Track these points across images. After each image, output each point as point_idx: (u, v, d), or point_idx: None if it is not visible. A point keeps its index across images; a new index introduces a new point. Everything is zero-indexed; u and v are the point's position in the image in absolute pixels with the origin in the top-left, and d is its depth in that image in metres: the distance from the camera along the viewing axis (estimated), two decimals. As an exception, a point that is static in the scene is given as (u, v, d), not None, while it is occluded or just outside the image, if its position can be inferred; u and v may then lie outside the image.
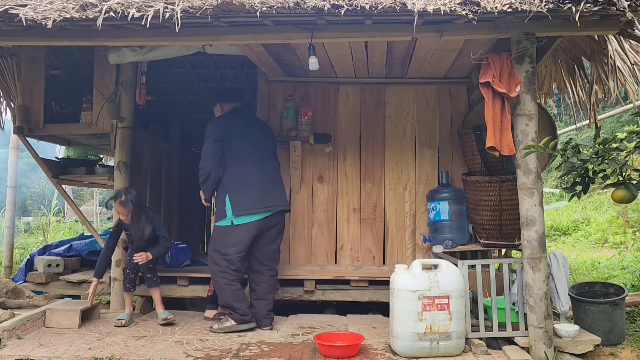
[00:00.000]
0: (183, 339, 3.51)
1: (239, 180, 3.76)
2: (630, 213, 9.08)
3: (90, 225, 4.81)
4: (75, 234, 9.69)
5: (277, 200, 3.82)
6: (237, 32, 3.18)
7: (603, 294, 3.65)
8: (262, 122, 4.20)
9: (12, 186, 6.57)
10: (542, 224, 3.07)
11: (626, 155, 2.36)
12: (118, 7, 2.88)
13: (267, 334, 3.62)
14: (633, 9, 2.77)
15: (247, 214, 3.70)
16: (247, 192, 3.73)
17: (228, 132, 3.83)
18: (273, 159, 3.97)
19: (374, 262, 4.38)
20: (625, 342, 3.41)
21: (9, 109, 5.04)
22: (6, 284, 4.21)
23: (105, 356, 3.08)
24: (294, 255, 4.43)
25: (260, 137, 3.94)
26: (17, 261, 6.72)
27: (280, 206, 3.82)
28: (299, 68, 4.27)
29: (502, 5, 2.81)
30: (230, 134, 3.83)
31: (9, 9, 2.94)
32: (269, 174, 3.86)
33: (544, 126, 3.69)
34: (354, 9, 2.84)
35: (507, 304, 3.31)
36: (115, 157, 4.42)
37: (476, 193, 3.84)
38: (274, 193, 3.82)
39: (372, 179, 4.47)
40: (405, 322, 3.08)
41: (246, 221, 3.70)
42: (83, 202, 16.53)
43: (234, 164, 3.79)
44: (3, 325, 3.34)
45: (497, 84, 3.10)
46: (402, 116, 4.50)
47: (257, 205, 3.71)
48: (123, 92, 4.42)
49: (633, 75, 3.84)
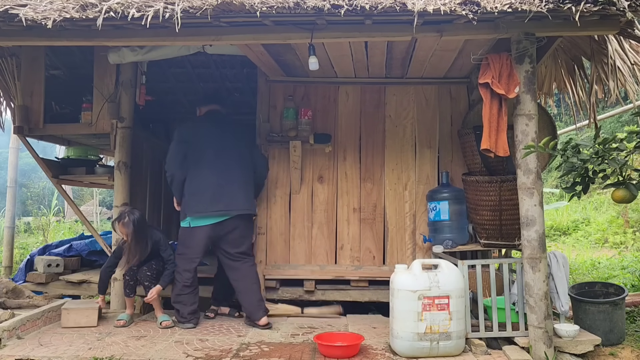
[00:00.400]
0: (183, 339, 3.51)
1: (197, 183, 3.85)
2: (630, 213, 9.08)
3: (90, 225, 4.81)
4: (75, 234, 9.69)
5: (235, 204, 3.83)
6: (237, 32, 3.18)
7: (603, 294, 3.65)
8: (238, 127, 4.18)
9: (12, 186, 6.57)
10: (542, 224, 3.07)
11: (626, 155, 2.36)
12: (118, 7, 2.88)
13: (267, 334, 3.62)
14: (633, 9, 2.77)
15: (200, 216, 3.79)
16: (201, 195, 3.81)
17: (192, 134, 3.94)
18: (239, 164, 3.94)
19: (374, 262, 4.38)
20: (625, 342, 3.41)
21: (9, 109, 5.04)
22: (6, 284, 4.21)
23: (105, 356, 3.08)
24: (294, 255, 4.43)
25: (228, 141, 3.97)
26: (17, 261, 6.72)
27: (238, 210, 3.84)
28: (299, 68, 4.27)
29: (502, 5, 2.82)
30: (194, 136, 3.93)
31: (9, 9, 2.94)
32: (230, 178, 3.86)
33: (544, 126, 3.69)
34: (354, 9, 2.84)
35: (507, 304, 3.31)
36: (115, 157, 4.43)
37: (476, 193, 3.84)
38: (233, 197, 3.83)
39: (372, 179, 4.47)
40: (405, 322, 3.08)
41: (200, 224, 3.80)
42: (83, 202, 16.54)
43: (194, 167, 3.88)
44: (3, 325, 3.34)
45: (495, 84, 3.10)
46: (402, 116, 4.50)
47: (210, 209, 3.78)
48: (123, 92, 4.42)
49: (633, 75, 3.84)
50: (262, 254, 4.41)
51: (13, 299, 4.09)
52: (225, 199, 3.81)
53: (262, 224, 4.44)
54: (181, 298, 3.85)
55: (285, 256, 4.43)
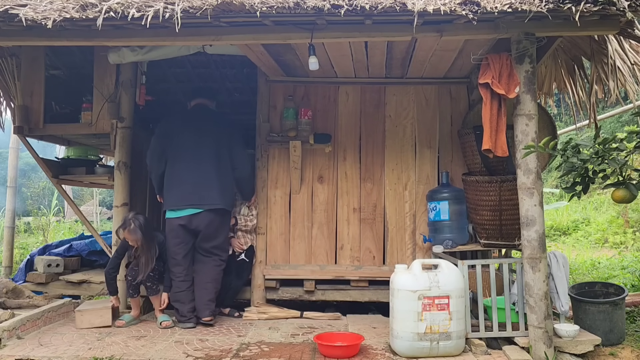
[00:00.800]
0: (183, 339, 3.51)
1: (171, 177, 3.98)
2: (630, 213, 9.08)
3: (90, 225, 4.81)
4: (75, 234, 9.69)
5: (207, 199, 3.89)
6: (237, 32, 3.18)
7: (603, 294, 3.65)
8: (223, 124, 4.19)
9: (12, 186, 6.56)
10: (542, 224, 3.07)
11: (626, 155, 2.36)
12: (118, 7, 2.88)
13: (267, 334, 3.62)
14: (633, 9, 2.78)
15: (173, 209, 3.92)
16: (174, 189, 3.94)
17: (171, 129, 4.06)
18: (214, 160, 3.97)
19: (374, 262, 4.38)
20: (625, 342, 3.41)
21: (9, 109, 5.04)
22: (6, 284, 4.20)
23: (105, 356, 3.08)
24: (294, 255, 4.43)
25: (206, 137, 4.00)
26: (17, 261, 6.72)
27: (209, 205, 3.89)
28: (299, 68, 4.27)
29: (502, 5, 2.82)
30: (173, 131, 4.05)
31: (9, 9, 2.94)
32: (203, 173, 3.93)
33: (544, 126, 3.69)
34: (354, 9, 2.84)
35: (507, 304, 3.31)
36: (115, 157, 4.43)
37: (476, 193, 3.84)
38: (206, 192, 3.90)
39: (372, 179, 4.47)
40: (405, 322, 3.08)
41: (173, 216, 3.93)
42: (83, 202, 16.55)
43: (171, 161, 4.01)
44: (3, 325, 3.35)
45: (495, 84, 3.10)
46: (402, 116, 4.50)
47: (181, 203, 3.90)
48: (123, 92, 4.42)
49: (633, 75, 3.84)
50: (262, 254, 4.41)
51: (13, 299, 4.09)
52: (197, 193, 3.89)
53: (262, 224, 4.44)
54: (179, 296, 3.89)
55: (285, 256, 4.43)
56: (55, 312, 3.91)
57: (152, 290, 3.93)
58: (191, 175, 3.92)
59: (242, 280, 4.35)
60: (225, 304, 4.26)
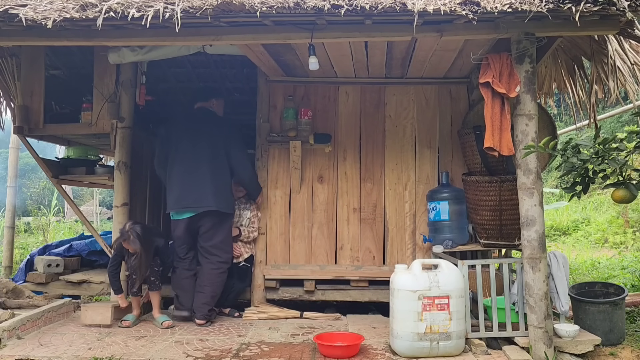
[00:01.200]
0: (183, 339, 3.51)
1: (170, 179, 4.08)
2: (630, 213, 9.08)
3: (90, 225, 4.81)
4: (75, 234, 9.70)
5: (202, 202, 3.94)
6: (237, 32, 3.18)
7: (603, 294, 3.65)
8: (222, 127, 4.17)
9: (12, 186, 6.56)
10: (542, 224, 3.07)
11: (626, 155, 2.36)
12: (118, 7, 2.88)
13: (267, 334, 3.62)
14: (633, 9, 2.77)
15: (173, 211, 4.05)
16: (173, 192, 4.03)
17: (171, 133, 4.16)
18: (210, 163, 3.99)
19: (374, 262, 4.38)
20: (625, 342, 3.41)
21: (9, 109, 5.03)
22: (6, 284, 4.20)
23: (105, 356, 3.08)
24: (294, 255, 4.43)
25: (203, 140, 4.04)
26: (17, 261, 6.72)
27: (204, 207, 3.94)
28: (299, 68, 4.27)
29: (502, 5, 2.82)
30: (172, 135, 4.14)
31: (9, 9, 2.94)
32: (199, 176, 3.97)
33: (544, 126, 3.69)
34: (354, 9, 2.84)
35: (507, 304, 3.31)
36: (115, 157, 4.43)
37: (476, 193, 3.83)
38: (201, 194, 3.94)
39: (372, 179, 4.47)
40: (405, 322, 3.08)
41: (176, 218, 4.07)
42: (83, 202, 16.56)
43: (170, 164, 4.10)
44: (3, 325, 3.34)
45: (496, 84, 3.10)
46: (402, 116, 4.50)
47: (178, 205, 4.00)
48: (123, 92, 4.42)
49: (633, 75, 3.84)
50: (262, 253, 4.41)
51: (13, 299, 4.09)
52: (193, 196, 3.96)
53: (262, 224, 4.44)
54: (183, 282, 4.02)
55: (285, 256, 4.43)
56: (55, 312, 3.91)
57: (154, 286, 3.93)
58: (188, 178, 3.98)
59: (244, 283, 4.36)
60: (226, 304, 4.26)
